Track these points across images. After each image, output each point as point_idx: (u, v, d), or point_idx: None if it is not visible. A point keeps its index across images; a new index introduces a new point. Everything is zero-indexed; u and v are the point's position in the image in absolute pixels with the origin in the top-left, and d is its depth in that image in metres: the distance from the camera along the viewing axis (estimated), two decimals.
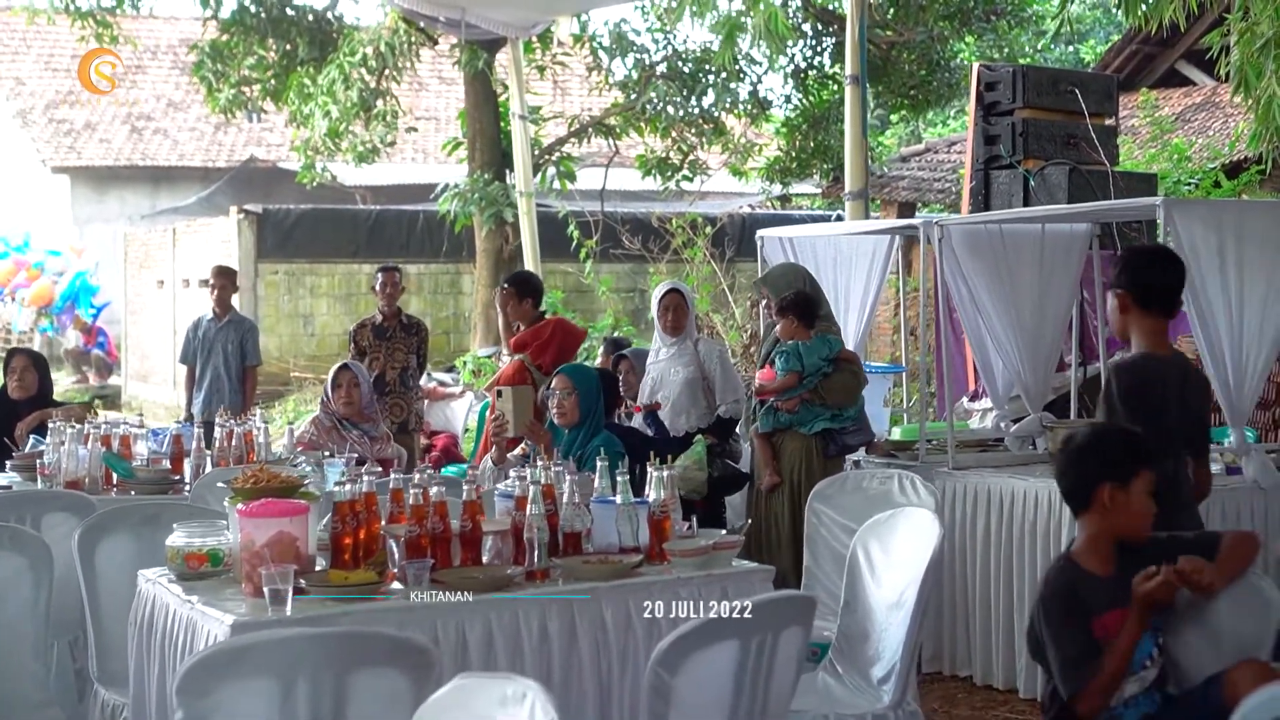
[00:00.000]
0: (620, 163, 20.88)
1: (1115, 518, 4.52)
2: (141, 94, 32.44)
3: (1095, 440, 4.65)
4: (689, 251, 17.45)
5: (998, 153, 10.69)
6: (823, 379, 8.14)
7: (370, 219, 22.24)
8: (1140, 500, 4.51)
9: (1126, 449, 4.58)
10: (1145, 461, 4.55)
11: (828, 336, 8.27)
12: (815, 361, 8.11)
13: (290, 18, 18.19)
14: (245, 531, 4.79)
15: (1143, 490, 4.51)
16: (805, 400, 8.11)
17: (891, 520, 5.61)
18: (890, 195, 20.36)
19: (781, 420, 8.18)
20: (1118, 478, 4.50)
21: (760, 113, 19.99)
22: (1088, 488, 4.53)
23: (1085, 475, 4.56)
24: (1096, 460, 4.57)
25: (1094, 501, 4.53)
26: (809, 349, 8.12)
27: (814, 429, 8.15)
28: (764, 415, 8.23)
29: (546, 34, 17.82)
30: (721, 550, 5.18)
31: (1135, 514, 4.52)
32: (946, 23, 18.81)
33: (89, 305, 26.59)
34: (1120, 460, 4.54)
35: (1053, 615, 4.47)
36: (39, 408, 8.87)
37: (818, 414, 8.14)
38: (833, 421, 8.18)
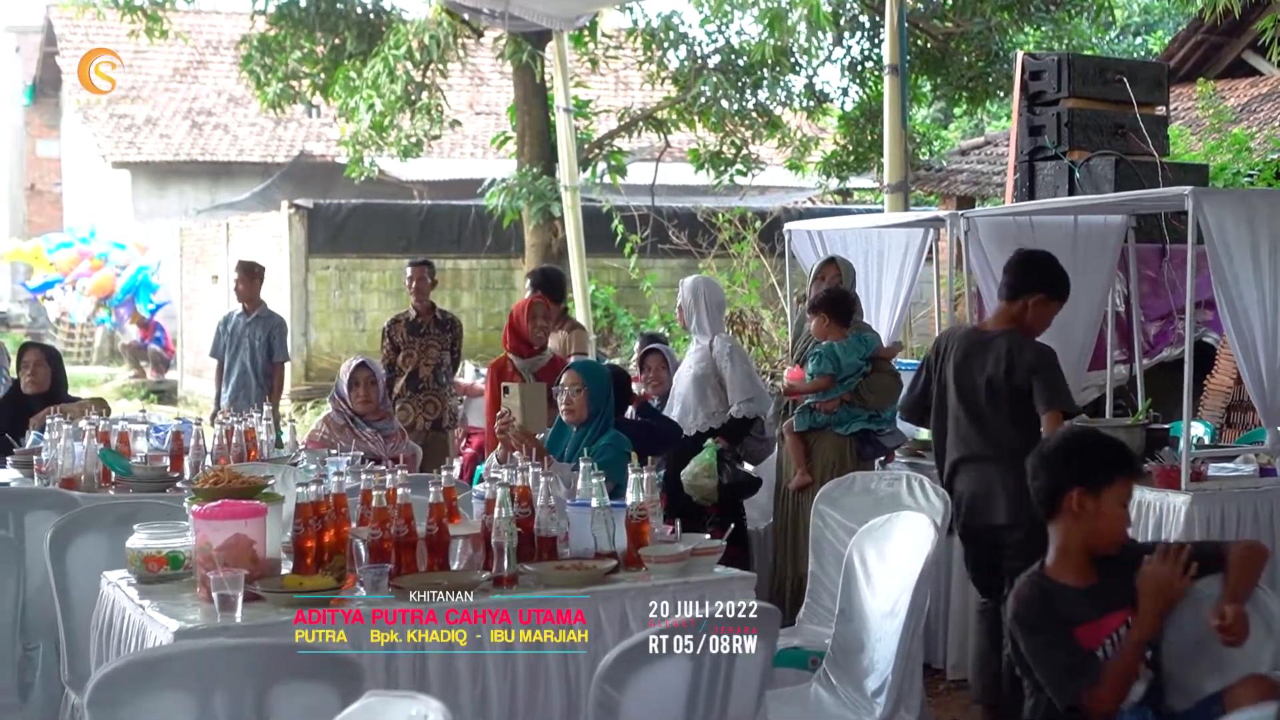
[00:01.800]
0: (674, 157, 20.64)
1: (1084, 526, 4.26)
2: (202, 89, 32.55)
3: (1070, 443, 4.40)
4: (736, 246, 17.19)
5: (1042, 144, 10.36)
6: (862, 379, 7.89)
7: (422, 214, 22.08)
8: (1112, 510, 4.26)
9: (1102, 454, 4.31)
10: (1122, 471, 4.29)
11: (864, 335, 8.02)
12: (854, 361, 7.87)
13: (339, 11, 18.07)
14: (201, 534, 4.61)
15: (1116, 500, 4.26)
16: (845, 402, 7.88)
17: (887, 525, 5.37)
18: (949, 189, 20.04)
19: (819, 420, 7.95)
20: (1089, 483, 4.24)
21: (817, 106, 19.69)
22: (1057, 492, 4.28)
23: (1055, 478, 4.31)
24: (1068, 463, 4.31)
25: (1062, 507, 4.27)
26: (846, 349, 7.88)
27: (851, 429, 7.93)
28: (800, 414, 8.00)
29: (595, 26, 17.58)
30: (701, 556, 4.95)
31: (1106, 524, 4.26)
32: (1005, 13, 18.45)
33: (148, 300, 26.62)
34: (1093, 465, 4.28)
35: (1030, 629, 4.22)
36: (51, 403, 8.70)
37: (856, 415, 7.92)
38: (870, 423, 7.95)
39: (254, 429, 7.41)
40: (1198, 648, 4.26)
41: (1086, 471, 4.26)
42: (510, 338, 9.05)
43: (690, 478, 8.04)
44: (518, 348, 8.83)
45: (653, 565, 4.88)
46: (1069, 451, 4.34)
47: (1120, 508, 4.27)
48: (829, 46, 18.88)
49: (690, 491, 8.05)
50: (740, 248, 17.18)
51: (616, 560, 4.92)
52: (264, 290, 12.47)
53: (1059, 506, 4.28)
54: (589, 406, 7.05)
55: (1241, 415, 11.18)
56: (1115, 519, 4.26)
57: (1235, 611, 4.14)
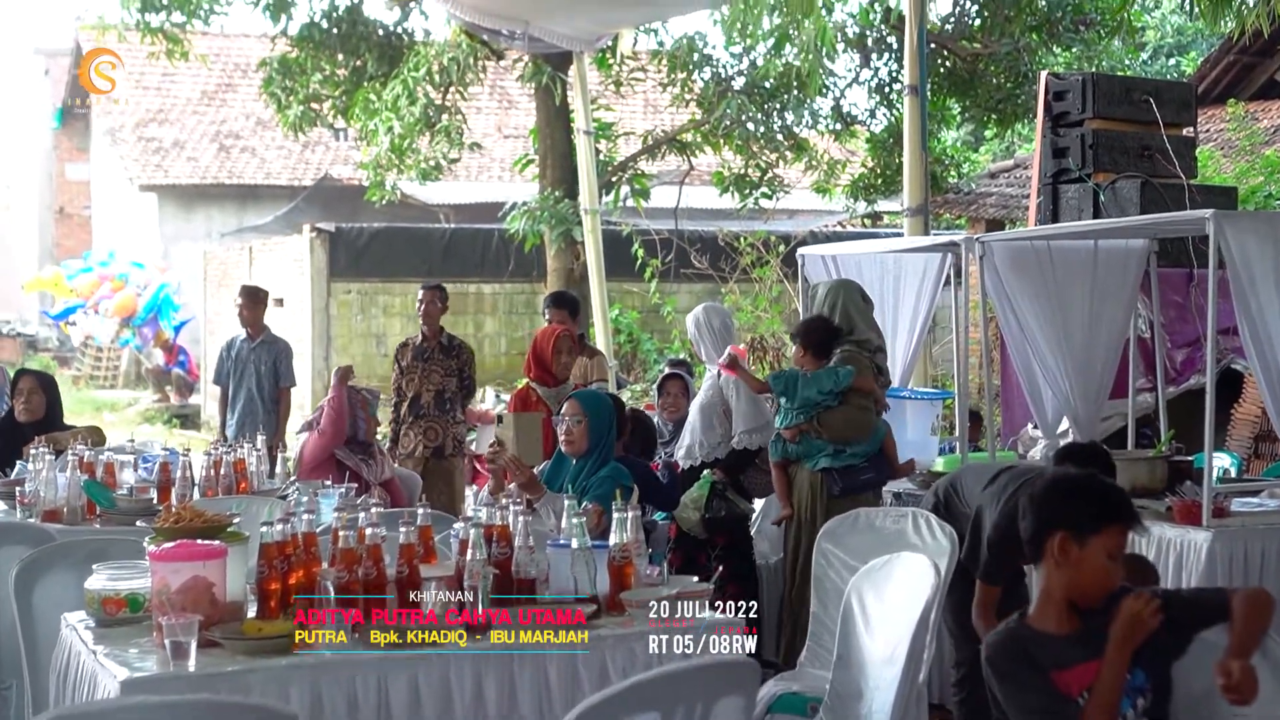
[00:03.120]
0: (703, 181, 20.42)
1: (1065, 574, 3.94)
2: (231, 112, 32.49)
3: (1059, 484, 4.09)
4: (759, 271, 16.94)
5: (1066, 166, 10.13)
6: (822, 412, 7.65)
7: (445, 237, 21.92)
8: (1097, 560, 3.92)
9: (1092, 499, 3.99)
10: (1113, 519, 3.96)
11: (836, 370, 7.75)
12: (812, 394, 7.65)
13: (360, 33, 17.92)
14: (158, 576, 4.39)
15: (1103, 550, 3.92)
16: (804, 432, 7.64)
17: (887, 567, 5.11)
18: (978, 212, 19.77)
19: (789, 451, 7.77)
20: (1074, 528, 3.92)
21: (844, 129, 19.45)
22: (1041, 534, 3.98)
23: (1040, 520, 4.00)
24: (1055, 505, 4.00)
25: (1044, 551, 3.98)
26: (809, 380, 7.67)
27: (816, 465, 7.70)
28: (773, 444, 7.86)
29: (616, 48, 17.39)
30: (686, 599, 4.69)
31: (1089, 575, 3.93)
32: (1034, 34, 18.19)
33: (170, 317, 26.55)
34: (1081, 510, 3.96)
35: (1003, 675, 3.92)
36: (46, 431, 8.48)
37: (820, 449, 7.71)
38: (835, 459, 7.69)
39: (244, 460, 7.19)
40: (1206, 702, 3.98)
41: (1073, 516, 3.95)
42: (534, 366, 8.84)
43: (679, 508, 7.84)
44: (542, 377, 8.63)
45: (635, 610, 4.63)
46: (1057, 493, 4.04)
47: (1108, 559, 3.94)
48: (856, 68, 18.66)
49: (679, 522, 7.85)
50: (763, 272, 16.94)
51: (597, 604, 4.68)
52: (286, 314, 12.25)
53: (1042, 550, 3.99)
54: (589, 438, 6.81)
55: (1270, 446, 10.88)
56: (1100, 571, 3.94)
57: (1241, 668, 3.83)
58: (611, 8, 13.33)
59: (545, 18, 13.22)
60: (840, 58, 18.18)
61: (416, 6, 17.78)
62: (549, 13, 13.14)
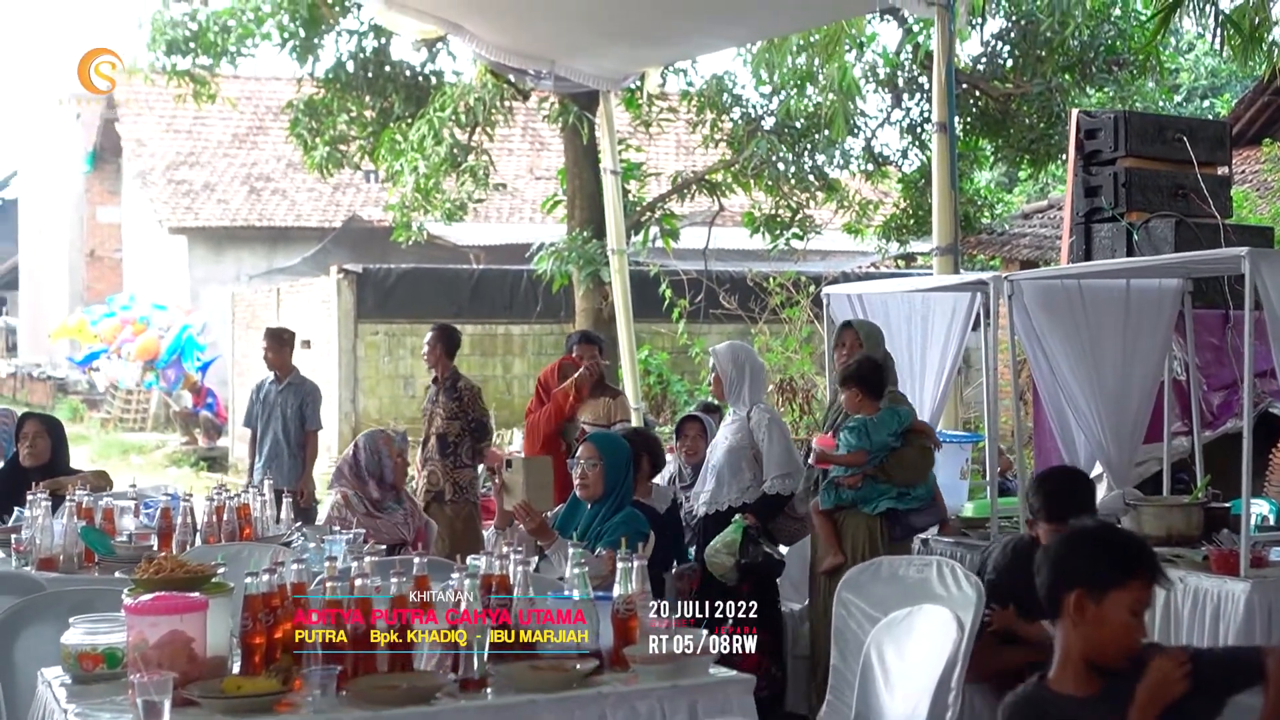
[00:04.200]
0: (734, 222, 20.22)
1: (1084, 633, 3.70)
2: (262, 155, 32.48)
3: (1074, 538, 3.84)
4: (788, 311, 16.71)
5: (1099, 205, 9.87)
6: (889, 454, 7.37)
7: (473, 278, 21.77)
8: (1117, 617, 3.68)
9: (1112, 554, 3.75)
10: (1133, 574, 3.71)
11: (897, 409, 7.51)
12: (883, 438, 7.36)
13: (387, 74, 17.83)
14: (135, 630, 4.17)
15: (1123, 607, 3.68)
16: (869, 476, 7.36)
17: (908, 620, 4.86)
18: (1011, 253, 19.55)
19: (844, 497, 7.43)
20: (1092, 585, 3.68)
21: (876, 169, 19.23)
22: (1058, 591, 3.73)
23: (1056, 576, 3.76)
24: (1073, 560, 3.76)
25: (1063, 609, 3.72)
26: (876, 425, 7.37)
27: (878, 509, 7.40)
28: (825, 491, 7.47)
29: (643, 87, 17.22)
30: (695, 657, 4.45)
31: (1109, 633, 3.69)
32: (1067, 74, 17.98)
33: (194, 357, 26.47)
34: (1098, 564, 3.72)
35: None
36: (50, 476, 8.27)
37: (883, 492, 7.40)
38: (899, 501, 7.42)
39: (248, 505, 6.98)
40: None
41: (1090, 571, 3.72)
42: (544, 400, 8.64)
43: (711, 553, 7.58)
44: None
45: (639, 666, 4.39)
46: (1073, 547, 3.80)
47: (1129, 616, 3.70)
48: (887, 108, 18.47)
49: (710, 568, 7.59)
50: (792, 313, 16.71)
51: (600, 660, 4.44)
52: (313, 356, 12.07)
53: (1059, 608, 3.75)
54: (605, 482, 6.61)
55: None
56: (1120, 628, 3.69)
57: None
58: (637, 46, 13.16)
59: (571, 57, 13.07)
60: (871, 98, 17.99)
61: (444, 47, 17.66)
62: (574, 52, 12.99)
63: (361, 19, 17.43)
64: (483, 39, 12.49)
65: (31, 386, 36.24)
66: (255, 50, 17.96)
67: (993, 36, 17.86)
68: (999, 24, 17.92)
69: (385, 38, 17.57)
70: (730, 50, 17.10)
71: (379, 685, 4.14)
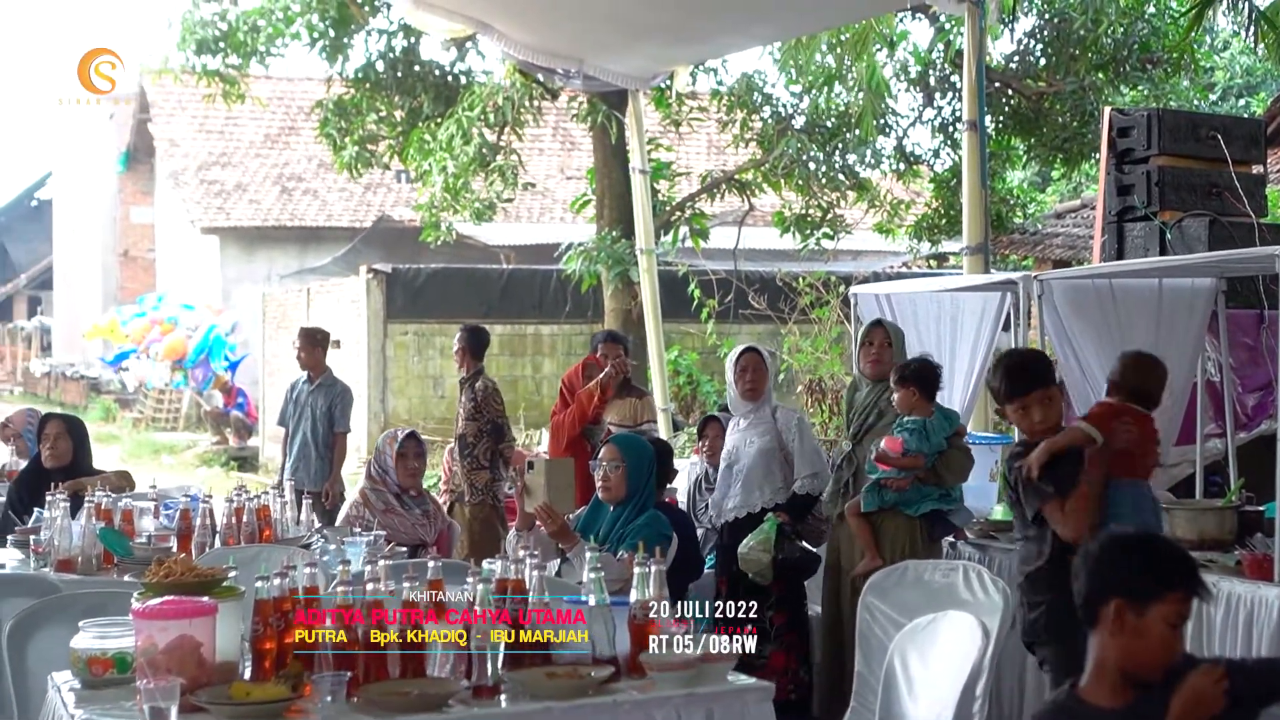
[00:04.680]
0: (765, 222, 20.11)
1: (1121, 643, 3.58)
2: (294, 155, 32.51)
3: (1117, 543, 3.71)
4: (818, 311, 16.59)
5: (1132, 204, 9.74)
6: (937, 456, 7.27)
7: (502, 278, 21.72)
8: (1157, 630, 3.56)
9: (1153, 564, 3.63)
10: (1175, 585, 3.59)
11: (949, 411, 7.42)
12: (940, 441, 7.25)
13: (417, 73, 17.78)
14: (144, 634, 4.10)
15: (1164, 619, 3.56)
16: (918, 478, 7.25)
17: (932, 626, 4.75)
18: (1044, 253, 19.40)
19: (887, 499, 7.30)
20: (1133, 594, 3.56)
21: (907, 169, 19.10)
22: (1096, 600, 3.62)
23: (1095, 584, 3.64)
24: (1113, 569, 3.63)
25: (1100, 618, 3.61)
26: (935, 426, 7.25)
27: (920, 510, 7.28)
28: (868, 493, 7.32)
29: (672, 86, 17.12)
30: (713, 663, 4.36)
31: (1148, 645, 3.56)
32: (1100, 72, 17.82)
33: (223, 356, 26.49)
34: (1141, 574, 3.60)
35: None
36: (72, 477, 8.21)
37: (927, 494, 7.27)
38: (941, 502, 7.31)
39: (267, 507, 6.92)
40: None
41: (1132, 581, 3.60)
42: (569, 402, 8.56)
43: (746, 550, 7.48)
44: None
45: (656, 673, 4.31)
46: (1115, 554, 3.67)
47: (1169, 628, 3.58)
48: (919, 107, 18.34)
49: (744, 567, 7.49)
50: (822, 313, 16.59)
51: (616, 666, 4.35)
52: (342, 355, 11.99)
53: (1097, 617, 3.63)
54: (627, 485, 6.51)
55: None
56: (1160, 641, 3.57)
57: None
58: (665, 45, 13.07)
59: (599, 56, 12.99)
60: (903, 96, 17.86)
61: (473, 47, 17.60)
62: (603, 51, 12.91)
63: (391, 18, 17.40)
64: (511, 38, 12.40)
65: (65, 386, 36.38)
66: (285, 50, 17.97)
67: (1025, 34, 17.71)
68: (1032, 22, 17.77)
69: (415, 37, 17.54)
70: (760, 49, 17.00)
71: (390, 691, 4.07)
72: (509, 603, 4.40)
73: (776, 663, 7.73)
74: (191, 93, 26.66)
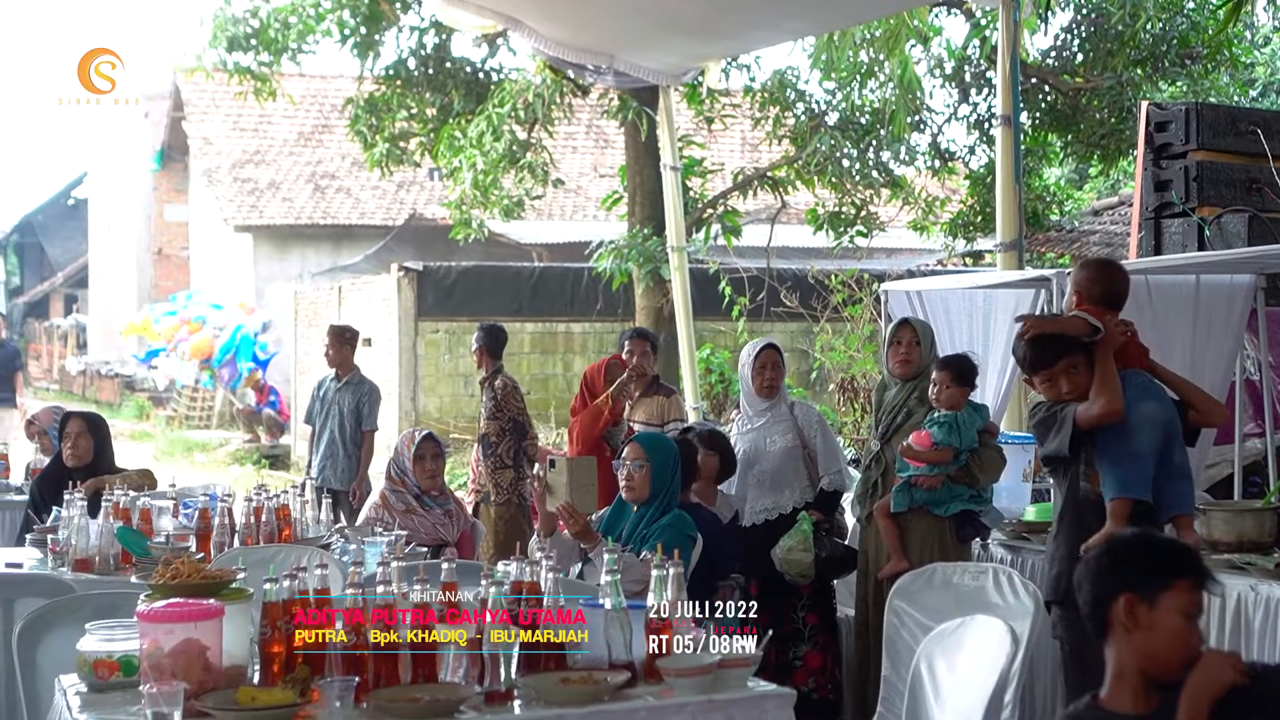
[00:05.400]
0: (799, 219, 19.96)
1: (1138, 641, 3.44)
2: (327, 153, 32.49)
3: (1114, 546, 3.60)
4: (850, 310, 16.44)
5: (1169, 199, 9.62)
6: (970, 454, 7.11)
7: (533, 276, 21.63)
8: (1172, 621, 3.43)
9: (1153, 555, 3.51)
10: (1181, 572, 3.47)
11: (978, 404, 7.27)
12: (971, 436, 7.10)
13: (448, 70, 17.71)
14: (149, 637, 4.00)
15: (1176, 609, 3.43)
16: (949, 477, 7.10)
17: (960, 631, 4.62)
18: (1080, 250, 19.20)
19: (916, 498, 7.16)
20: (1140, 587, 3.44)
21: (942, 165, 18.92)
22: (1104, 601, 3.48)
23: (1099, 586, 3.51)
24: (1114, 567, 3.51)
25: (1112, 619, 3.47)
26: (967, 421, 7.09)
27: (950, 510, 7.12)
28: (897, 493, 7.17)
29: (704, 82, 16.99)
30: (731, 669, 4.24)
31: (1165, 638, 3.43)
32: (1138, 68, 17.62)
33: (250, 357, 26.49)
34: (1146, 565, 3.48)
35: None
36: (93, 476, 8.13)
37: (957, 494, 7.11)
38: (971, 502, 7.15)
39: (287, 506, 6.82)
40: None
41: (1136, 574, 3.47)
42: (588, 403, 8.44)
43: (784, 552, 7.36)
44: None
45: (673, 679, 4.18)
46: (1114, 554, 3.55)
47: (1183, 619, 3.44)
48: (954, 104, 18.16)
49: (784, 568, 7.38)
50: (854, 311, 16.44)
51: (632, 671, 4.23)
52: (373, 354, 11.92)
53: (1109, 620, 3.49)
54: (651, 484, 6.38)
55: None
56: (1174, 634, 3.43)
57: None
58: (696, 40, 12.95)
59: (630, 51, 12.89)
60: (938, 93, 17.71)
61: (504, 43, 17.52)
62: (633, 46, 12.80)
63: (423, 15, 17.33)
64: (541, 33, 12.30)
65: (100, 384, 36.45)
66: (316, 47, 17.91)
67: (1062, 29, 17.53)
68: (1068, 17, 17.59)
69: (446, 34, 17.46)
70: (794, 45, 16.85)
71: (400, 697, 3.96)
72: (523, 605, 4.29)
73: (813, 663, 7.64)
74: (225, 91, 26.66)
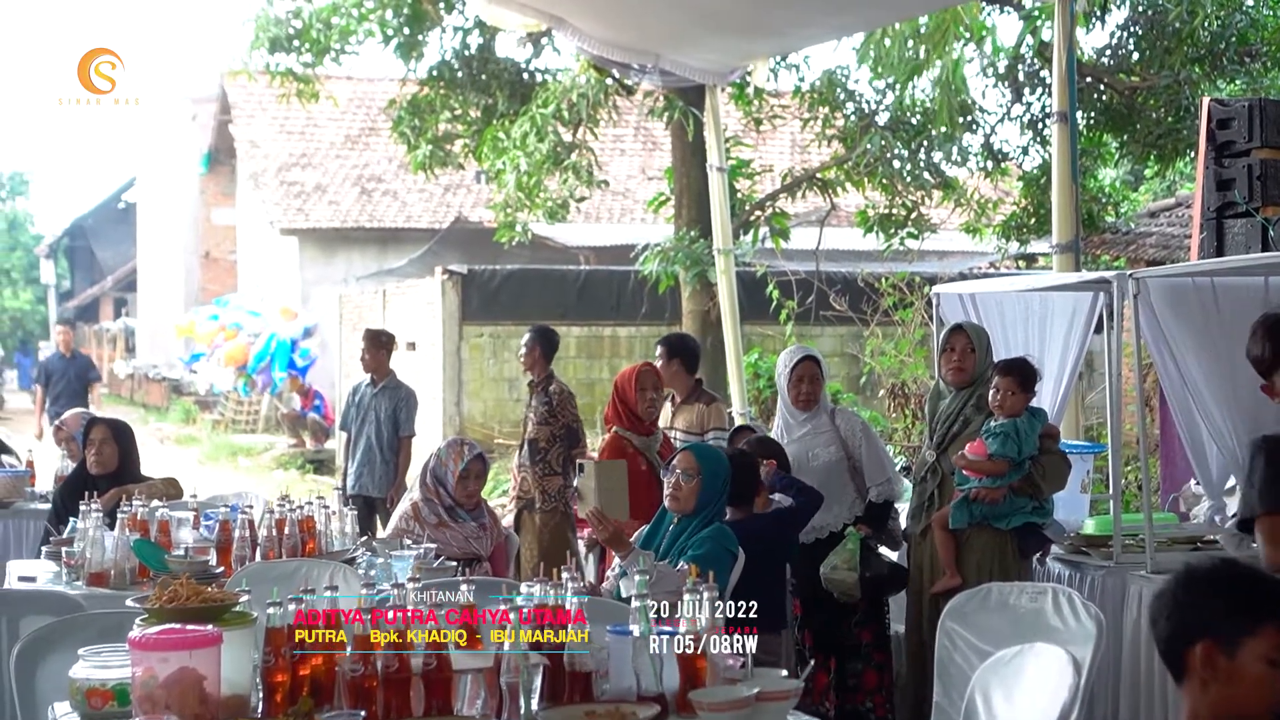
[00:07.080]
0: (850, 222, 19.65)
1: (1215, 693, 3.07)
2: (373, 156, 32.36)
3: (1199, 578, 3.18)
4: (901, 313, 16.09)
5: (1232, 199, 9.25)
6: (1032, 462, 6.77)
7: (579, 279, 21.36)
8: (1256, 670, 3.05)
9: (1239, 595, 3.12)
10: (1271, 616, 3.08)
11: (1039, 409, 6.94)
12: (1033, 442, 6.75)
13: (491, 70, 17.48)
14: (144, 666, 3.72)
15: (1260, 657, 3.05)
16: (1012, 489, 6.75)
17: (1018, 660, 4.30)
18: (1137, 253, 18.85)
19: (975, 514, 6.81)
20: (1221, 633, 3.06)
21: (995, 166, 18.55)
22: (1180, 646, 3.11)
23: (1177, 626, 3.13)
24: (1195, 608, 3.12)
25: (1187, 667, 3.10)
26: (1027, 428, 6.74)
27: (1013, 523, 6.77)
28: (957, 508, 6.82)
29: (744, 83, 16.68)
30: (769, 702, 3.93)
31: (1245, 690, 3.05)
32: (1196, 66, 17.20)
33: (286, 364, 26.37)
34: (1229, 608, 3.09)
35: None
36: (118, 484, 7.87)
37: (1020, 505, 6.76)
38: (1034, 514, 6.80)
39: (312, 518, 6.54)
40: None
41: (1217, 617, 3.09)
42: (623, 413, 8.13)
43: (829, 570, 7.03)
44: (632, 424, 7.92)
45: (707, 713, 3.88)
46: (1195, 591, 3.16)
47: (1268, 667, 3.06)
48: (1007, 104, 17.80)
49: (830, 587, 7.05)
50: (905, 314, 16.08)
51: (663, 705, 3.93)
52: (417, 358, 11.67)
53: (1184, 666, 3.12)
54: (699, 498, 6.00)
55: None
56: (1258, 684, 3.05)
57: None
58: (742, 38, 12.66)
59: (675, 50, 12.62)
60: (990, 92, 17.38)
61: (549, 43, 17.28)
62: (679, 45, 12.53)
63: (466, 14, 17.10)
64: (585, 32, 12.05)
65: (148, 387, 36.48)
66: (359, 48, 17.73)
67: (1118, 27, 17.11)
68: (1124, 14, 17.19)
69: (490, 34, 17.24)
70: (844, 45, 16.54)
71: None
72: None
73: (869, 681, 7.34)
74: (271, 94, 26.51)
